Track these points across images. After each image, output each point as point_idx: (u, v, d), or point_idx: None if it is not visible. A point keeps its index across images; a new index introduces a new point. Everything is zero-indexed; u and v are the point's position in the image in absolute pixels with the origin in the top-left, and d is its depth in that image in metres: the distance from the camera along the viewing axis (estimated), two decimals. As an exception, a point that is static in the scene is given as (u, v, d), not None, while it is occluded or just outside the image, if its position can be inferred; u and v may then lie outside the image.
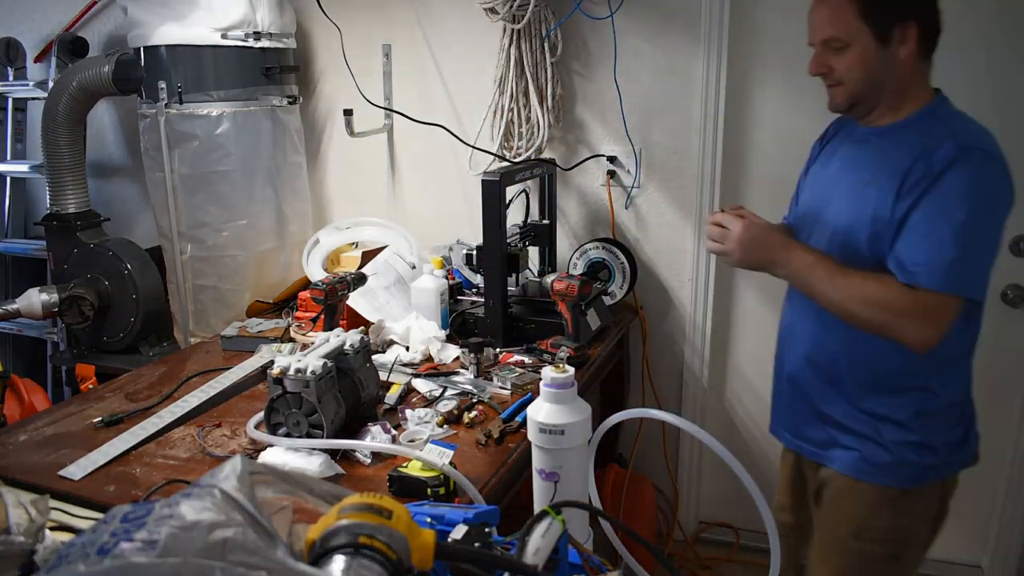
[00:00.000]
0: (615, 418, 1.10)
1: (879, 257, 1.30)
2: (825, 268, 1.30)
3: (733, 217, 1.37)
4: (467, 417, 1.57)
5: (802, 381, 1.47)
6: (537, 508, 1.10)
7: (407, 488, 1.26)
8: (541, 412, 1.10)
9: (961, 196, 1.21)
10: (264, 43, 2.31)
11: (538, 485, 1.10)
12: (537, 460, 1.10)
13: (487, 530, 0.71)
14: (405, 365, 1.85)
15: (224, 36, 2.25)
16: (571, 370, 1.11)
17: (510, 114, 2.26)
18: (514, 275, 2.10)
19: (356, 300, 2.06)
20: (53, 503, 1.07)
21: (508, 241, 2.03)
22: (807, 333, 1.45)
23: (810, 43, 1.36)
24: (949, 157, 1.22)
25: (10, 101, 2.95)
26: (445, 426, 1.55)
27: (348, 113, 2.33)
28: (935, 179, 1.22)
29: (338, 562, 0.52)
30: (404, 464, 1.30)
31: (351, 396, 1.49)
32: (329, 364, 1.43)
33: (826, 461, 1.47)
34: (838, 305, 1.30)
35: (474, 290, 2.26)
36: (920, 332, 1.25)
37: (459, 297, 2.22)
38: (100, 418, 1.60)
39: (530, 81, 2.22)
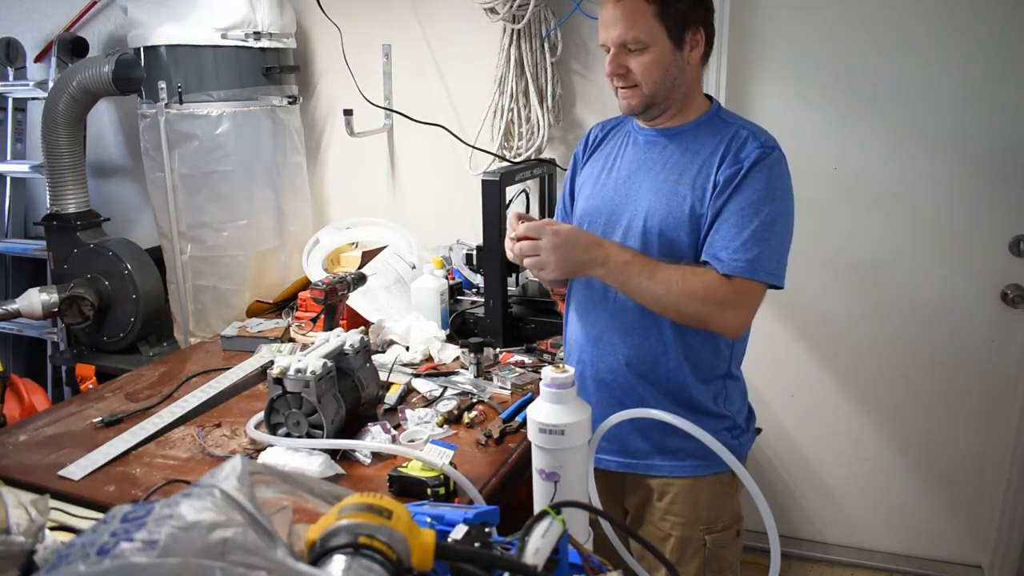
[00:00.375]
0: (615, 418, 1.10)
1: (698, 253, 1.35)
2: (642, 264, 1.31)
3: (538, 226, 1.33)
4: (467, 417, 1.57)
5: (619, 391, 1.42)
6: (537, 508, 1.11)
7: (407, 488, 1.26)
8: (541, 412, 1.09)
9: (766, 192, 1.31)
10: (264, 43, 2.31)
11: (538, 485, 1.10)
12: (537, 460, 1.10)
13: (487, 530, 0.70)
14: (405, 365, 1.85)
15: (224, 36, 2.25)
16: (571, 370, 1.11)
17: (510, 114, 2.26)
18: (514, 275, 2.11)
19: (356, 300, 2.06)
20: (53, 503, 1.07)
21: (508, 241, 2.03)
22: (625, 338, 1.41)
23: (602, 45, 1.36)
24: (754, 156, 1.31)
25: (10, 101, 2.95)
26: (445, 426, 1.55)
27: (348, 113, 2.33)
28: (743, 177, 1.31)
29: (338, 562, 0.52)
30: (404, 464, 1.30)
31: (351, 396, 1.49)
32: (329, 364, 1.43)
33: (652, 471, 1.45)
34: (659, 299, 1.31)
35: (474, 290, 2.26)
36: (736, 319, 1.33)
37: (459, 297, 2.22)
38: (100, 418, 1.60)
39: (530, 81, 2.22)
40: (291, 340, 2.03)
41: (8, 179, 3.03)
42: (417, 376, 1.77)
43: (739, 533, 1.50)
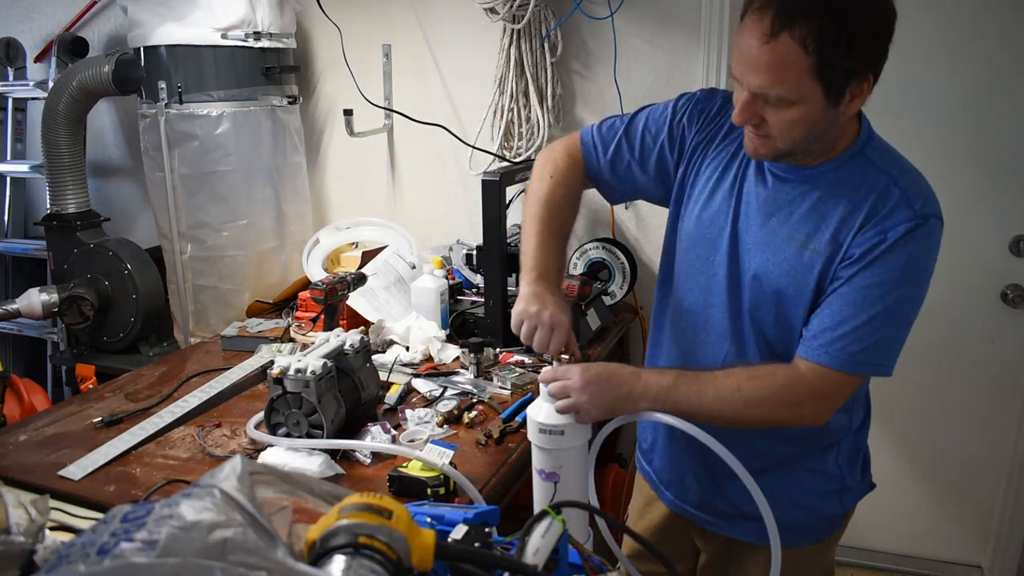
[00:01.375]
0: (617, 420, 1.10)
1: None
2: (688, 384, 1.12)
3: (565, 366, 1.14)
4: (467, 417, 1.57)
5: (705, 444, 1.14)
6: (537, 508, 1.10)
7: (407, 488, 1.26)
8: (541, 412, 1.10)
9: (903, 272, 1.08)
10: (264, 43, 2.31)
11: (538, 485, 1.10)
12: (537, 460, 1.10)
13: (487, 530, 0.71)
14: (405, 365, 1.85)
15: (224, 36, 2.24)
16: (571, 370, 1.11)
17: (510, 114, 2.26)
18: (514, 275, 2.10)
19: (356, 300, 2.06)
20: (53, 503, 1.07)
21: (508, 241, 2.03)
22: None
23: (735, 77, 1.08)
24: (903, 230, 1.07)
25: (10, 101, 2.95)
26: (445, 426, 1.55)
27: (348, 113, 2.33)
28: (884, 252, 1.07)
29: (338, 562, 0.52)
30: (404, 464, 1.30)
31: (351, 396, 1.49)
32: (329, 364, 1.43)
33: (738, 534, 1.32)
34: (719, 417, 1.12)
35: (474, 290, 2.26)
36: (813, 414, 1.13)
37: (459, 297, 2.22)
38: (100, 418, 1.60)
39: (530, 81, 2.22)
40: (291, 340, 2.03)
41: (8, 179, 3.03)
42: (417, 376, 1.77)
43: None
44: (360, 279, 1.98)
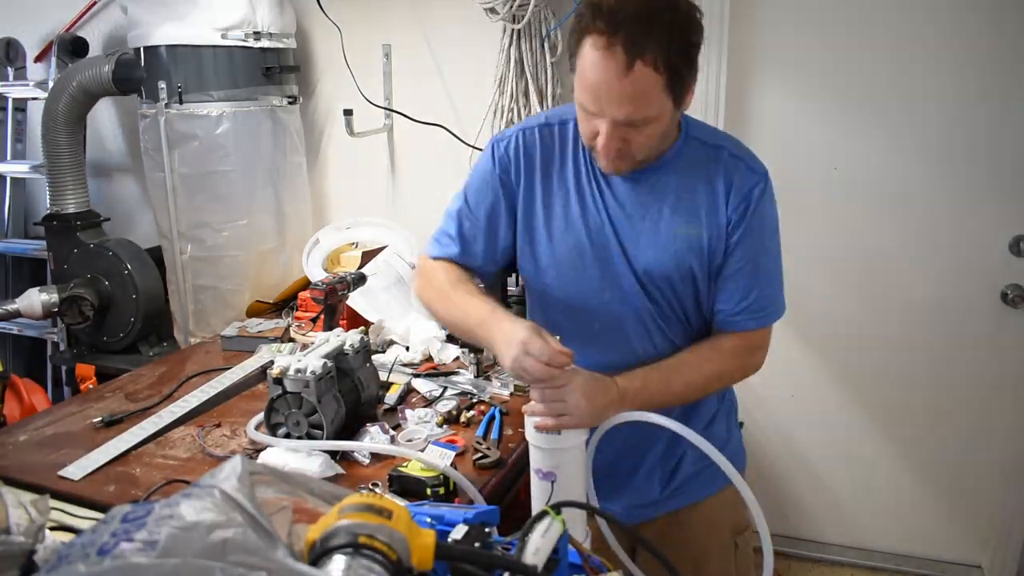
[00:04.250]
0: (613, 420, 1.10)
1: (695, 294, 1.28)
2: (654, 382, 1.22)
3: (559, 372, 1.09)
4: (466, 417, 1.57)
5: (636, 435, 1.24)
6: (535, 508, 1.11)
7: (407, 488, 1.26)
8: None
9: (770, 227, 1.26)
10: (264, 43, 2.31)
11: (536, 485, 1.11)
12: (535, 460, 1.10)
13: (487, 530, 0.71)
14: (405, 365, 1.85)
15: (224, 36, 2.24)
16: (571, 370, 1.11)
17: (510, 114, 2.26)
18: (514, 275, 2.10)
19: (356, 300, 2.06)
20: (53, 503, 1.07)
21: (508, 241, 2.03)
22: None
23: (594, 114, 1.13)
24: (759, 192, 1.22)
25: (10, 101, 2.95)
26: (444, 426, 1.55)
27: (348, 113, 2.33)
28: (752, 215, 1.22)
29: (338, 562, 0.53)
30: (404, 464, 1.30)
31: (351, 396, 1.49)
32: (329, 364, 1.43)
33: (674, 506, 1.41)
34: (688, 399, 1.31)
35: (474, 290, 2.26)
36: (758, 362, 1.33)
37: (459, 297, 2.21)
38: (100, 418, 1.60)
39: (530, 81, 2.22)
40: (291, 340, 2.03)
41: (8, 179, 3.03)
42: (417, 376, 1.77)
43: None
44: (360, 279, 1.98)
